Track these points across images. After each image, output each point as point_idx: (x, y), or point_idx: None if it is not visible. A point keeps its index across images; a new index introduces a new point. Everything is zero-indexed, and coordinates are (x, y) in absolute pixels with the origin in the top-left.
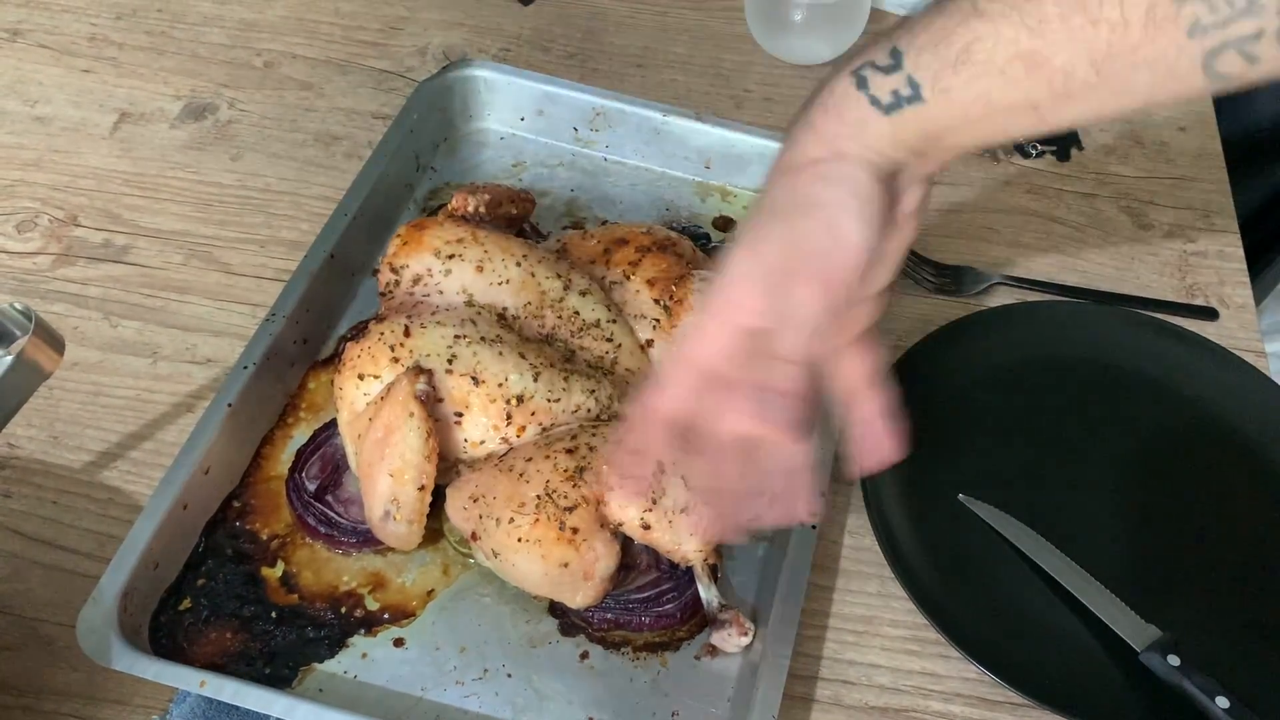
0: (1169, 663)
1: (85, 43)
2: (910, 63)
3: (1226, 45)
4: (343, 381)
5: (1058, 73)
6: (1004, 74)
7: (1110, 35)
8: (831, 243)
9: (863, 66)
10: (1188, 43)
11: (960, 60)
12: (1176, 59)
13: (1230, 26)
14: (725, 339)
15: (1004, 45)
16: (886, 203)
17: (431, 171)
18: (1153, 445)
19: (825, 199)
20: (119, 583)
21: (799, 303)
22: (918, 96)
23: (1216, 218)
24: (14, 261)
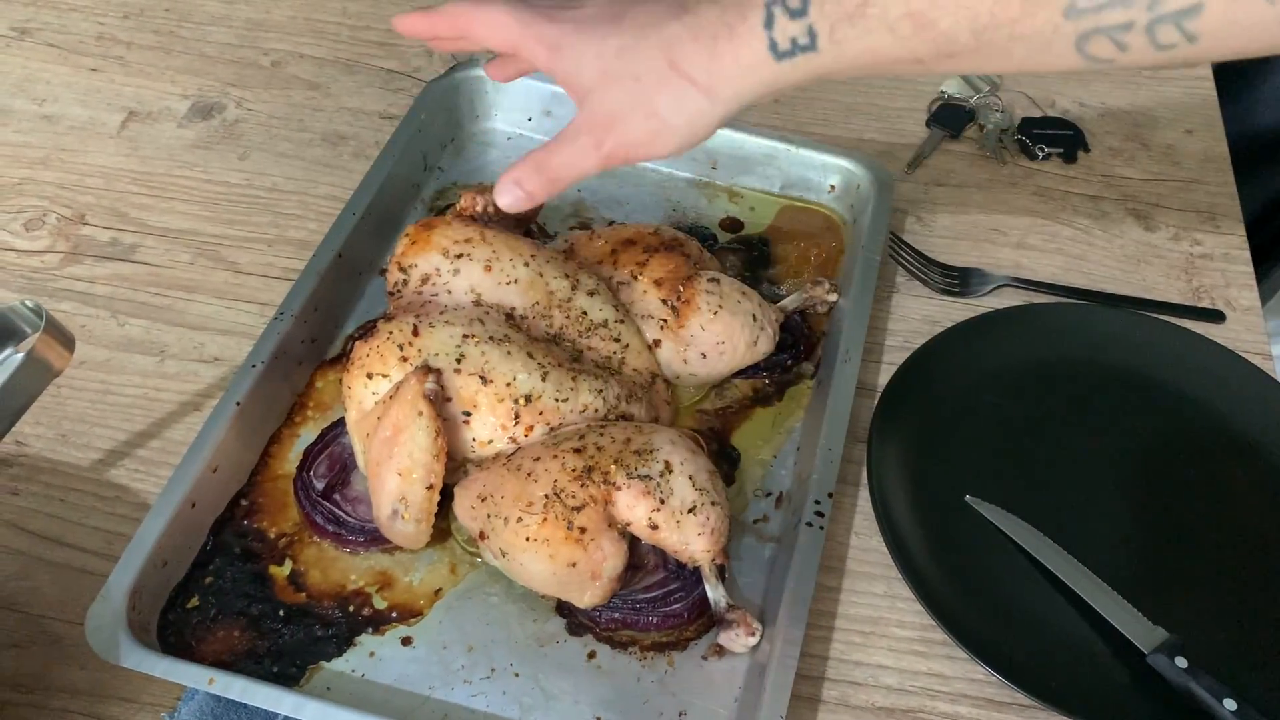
0: (1176, 665)
1: (93, 42)
2: (815, 10)
3: (1099, 30)
4: (351, 380)
5: (942, 35)
6: (893, 31)
7: (993, 6)
8: (647, 144)
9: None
10: (1063, 22)
11: (856, 14)
12: (1052, 36)
13: (1103, 13)
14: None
15: (897, 3)
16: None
17: (439, 171)
18: (1159, 447)
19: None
20: (128, 580)
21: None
22: (813, 46)
23: (1222, 220)
24: (22, 260)
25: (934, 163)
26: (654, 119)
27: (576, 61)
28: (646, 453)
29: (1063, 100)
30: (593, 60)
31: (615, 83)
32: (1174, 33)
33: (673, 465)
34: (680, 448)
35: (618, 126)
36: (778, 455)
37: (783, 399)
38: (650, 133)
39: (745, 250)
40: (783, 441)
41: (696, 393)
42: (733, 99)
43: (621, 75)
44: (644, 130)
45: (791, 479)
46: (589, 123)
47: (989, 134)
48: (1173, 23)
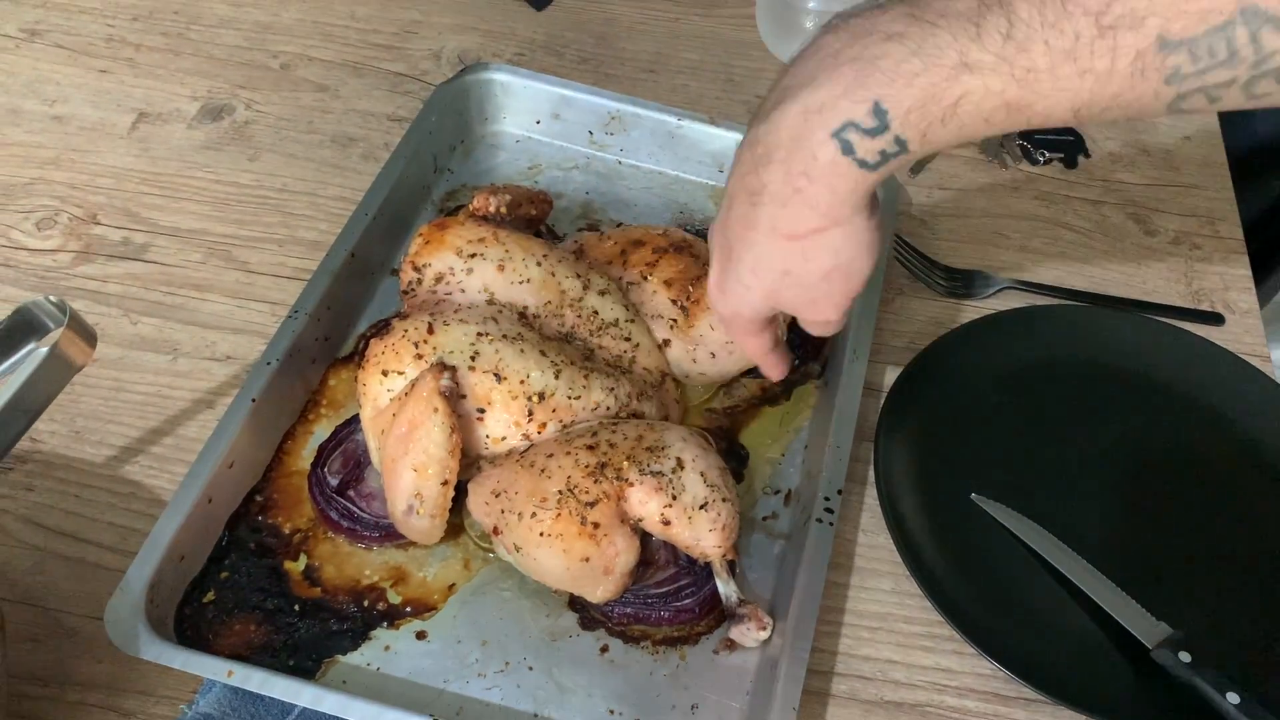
0: (1180, 659)
1: (102, 43)
2: (898, 124)
3: (1198, 91)
4: (366, 377)
5: (1038, 115)
6: (988, 121)
7: (1094, 85)
8: (849, 289)
9: (845, 129)
10: (1163, 89)
11: (948, 116)
12: (1150, 103)
13: (1206, 75)
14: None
15: (991, 97)
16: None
17: (449, 173)
18: (1160, 446)
19: (839, 264)
20: (146, 574)
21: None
22: (904, 151)
23: (1221, 225)
24: (35, 259)
25: (937, 167)
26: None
27: (755, 301)
28: (658, 449)
29: None
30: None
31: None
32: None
33: (684, 462)
34: (692, 445)
35: (820, 305)
36: (786, 453)
37: (790, 398)
38: (842, 282)
39: None
40: (790, 440)
41: (705, 391)
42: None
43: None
44: (836, 288)
45: (800, 477)
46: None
47: (991, 139)
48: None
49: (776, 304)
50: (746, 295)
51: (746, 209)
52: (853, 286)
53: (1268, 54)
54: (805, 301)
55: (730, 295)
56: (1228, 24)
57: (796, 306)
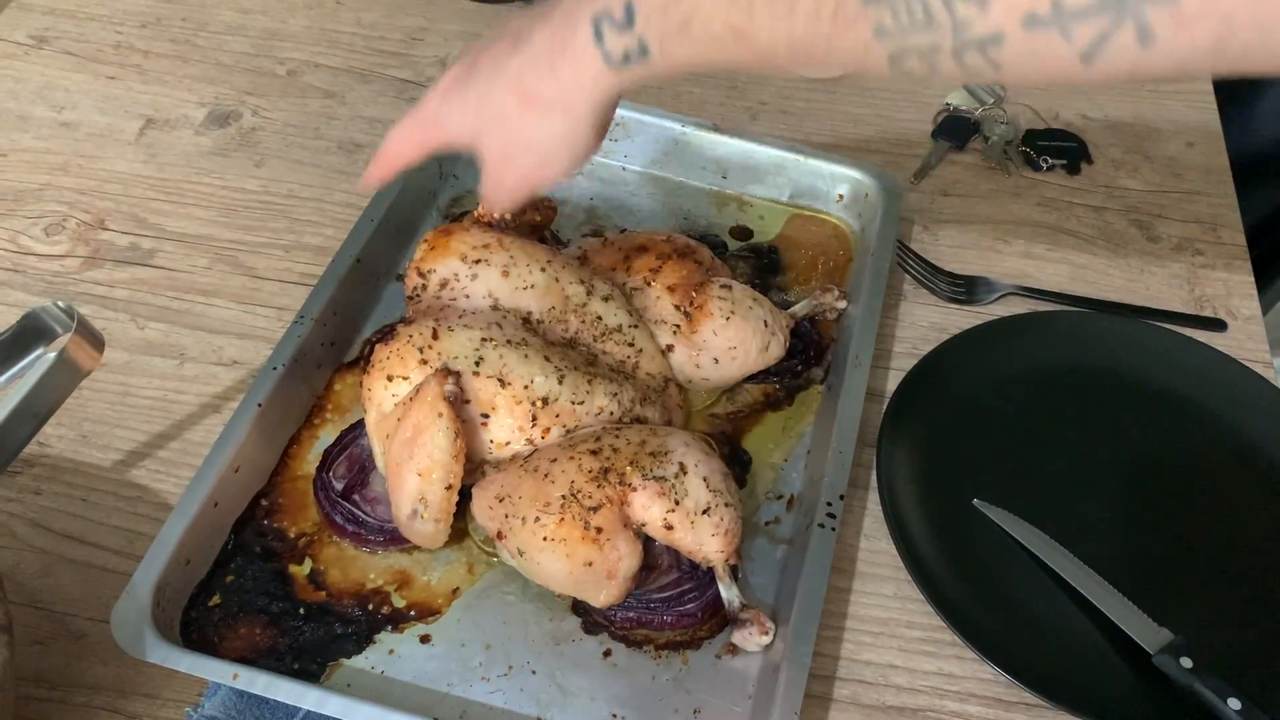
0: (1182, 665)
1: (111, 50)
2: (641, 23)
3: (909, 51)
4: (371, 382)
5: (762, 47)
6: (718, 42)
7: (806, 23)
8: (537, 173)
9: (601, 17)
10: (874, 42)
11: (683, 28)
12: (865, 55)
13: (910, 36)
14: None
15: (718, 19)
16: (595, 133)
17: (454, 179)
18: (1162, 451)
19: (545, 144)
20: (152, 577)
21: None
22: (645, 55)
23: (1224, 231)
24: (43, 264)
25: (940, 173)
26: (531, 149)
27: (456, 122)
28: (661, 454)
29: (1066, 112)
30: (462, 116)
31: (487, 130)
32: (979, 58)
33: (687, 467)
34: (694, 450)
35: (507, 165)
36: (788, 459)
37: (793, 404)
38: (536, 161)
39: (755, 258)
40: (793, 445)
41: (708, 397)
42: (590, 107)
43: (489, 121)
44: (529, 161)
45: (802, 482)
46: (488, 168)
47: (993, 145)
48: (977, 50)
49: (476, 138)
50: (461, 114)
51: (505, 51)
52: (539, 174)
53: (962, 22)
54: (500, 155)
55: (448, 104)
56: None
57: (489, 154)
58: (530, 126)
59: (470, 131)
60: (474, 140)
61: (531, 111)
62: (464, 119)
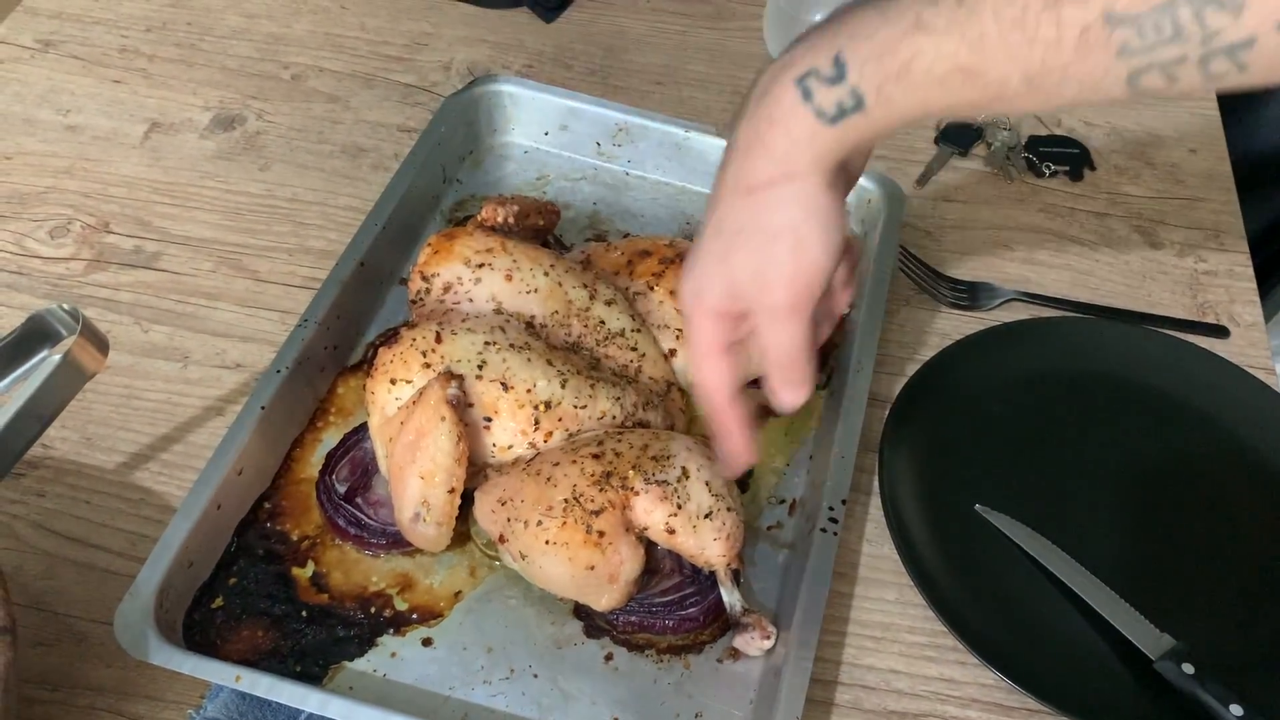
0: (1183, 671)
1: (116, 54)
2: (854, 75)
3: (1151, 67)
4: (375, 386)
5: (993, 83)
6: (943, 85)
7: (1044, 53)
8: (798, 264)
9: (807, 76)
10: (1115, 63)
11: (902, 73)
12: (1104, 77)
13: (1156, 51)
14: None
15: (944, 60)
16: (840, 203)
17: (457, 184)
18: (1165, 458)
19: (788, 224)
20: (155, 579)
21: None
22: (861, 107)
23: (1226, 237)
24: (47, 266)
25: (943, 179)
26: (777, 239)
27: (708, 274)
28: (664, 458)
29: (1069, 119)
30: (711, 262)
31: (734, 255)
32: (1226, 63)
33: (689, 471)
34: (697, 454)
35: (766, 279)
36: (791, 463)
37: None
38: (789, 251)
39: None
40: (796, 450)
41: None
42: (815, 166)
43: (733, 245)
44: (782, 255)
45: (804, 487)
46: (756, 300)
47: (996, 151)
48: (1225, 55)
49: (731, 273)
50: (708, 262)
51: (719, 172)
52: (801, 262)
53: (1213, 31)
54: (754, 271)
55: (695, 266)
56: (1170, 3)
57: (747, 278)
58: (766, 215)
59: (723, 275)
60: (732, 280)
61: (759, 198)
62: (713, 265)
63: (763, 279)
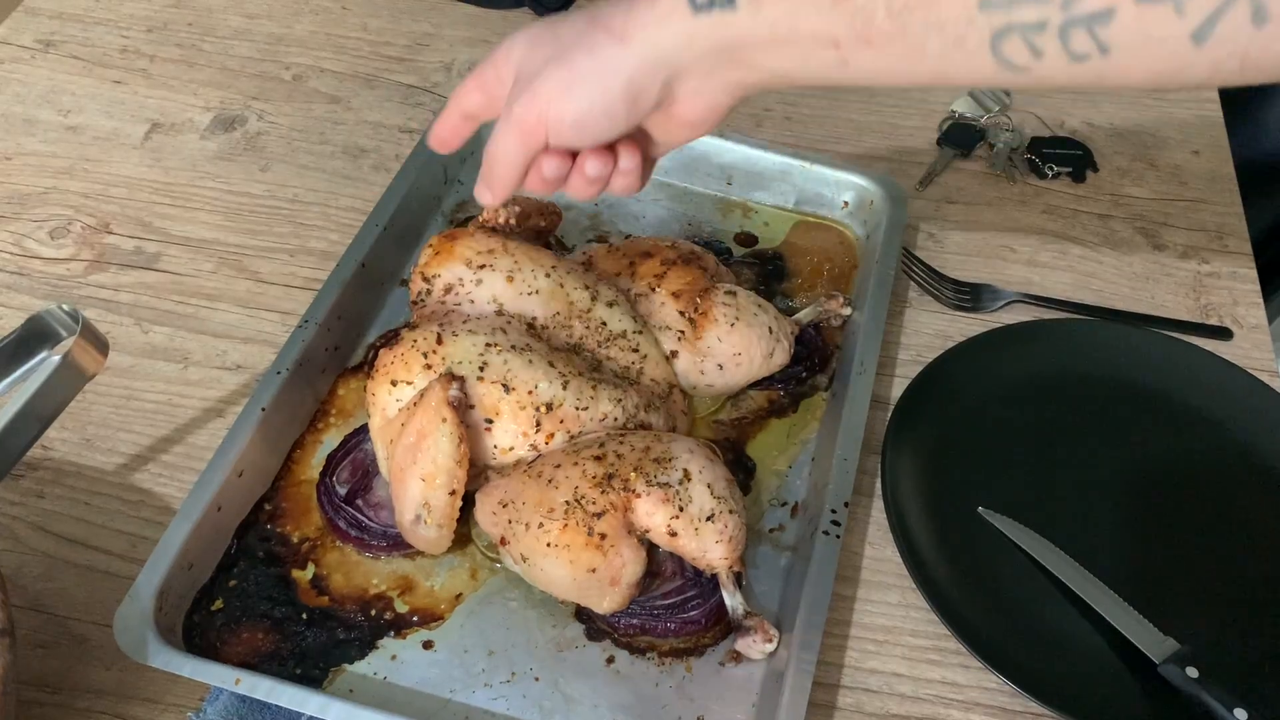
0: (1187, 674)
1: (117, 54)
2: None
3: (1012, 28)
4: (375, 387)
5: (859, 10)
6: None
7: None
8: (554, 101)
9: None
10: (978, 14)
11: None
12: (967, 29)
13: (1016, 9)
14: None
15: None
16: (635, 104)
17: (459, 184)
18: (1168, 460)
19: (578, 69)
20: (155, 581)
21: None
22: (731, 3)
23: (1229, 239)
24: (48, 267)
25: (945, 180)
26: (565, 70)
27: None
28: (665, 461)
29: (1072, 120)
30: (527, 43)
31: (539, 48)
32: (1087, 40)
33: (691, 473)
34: (698, 456)
35: (534, 85)
36: (793, 466)
37: (797, 410)
38: (562, 85)
39: (760, 264)
40: (798, 452)
41: (713, 403)
42: (647, 46)
43: (546, 41)
44: (556, 83)
45: (807, 489)
46: (514, 92)
47: (999, 153)
48: (1085, 27)
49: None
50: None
51: None
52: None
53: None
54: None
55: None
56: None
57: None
58: (580, 50)
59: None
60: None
61: (589, 35)
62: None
63: (526, 87)
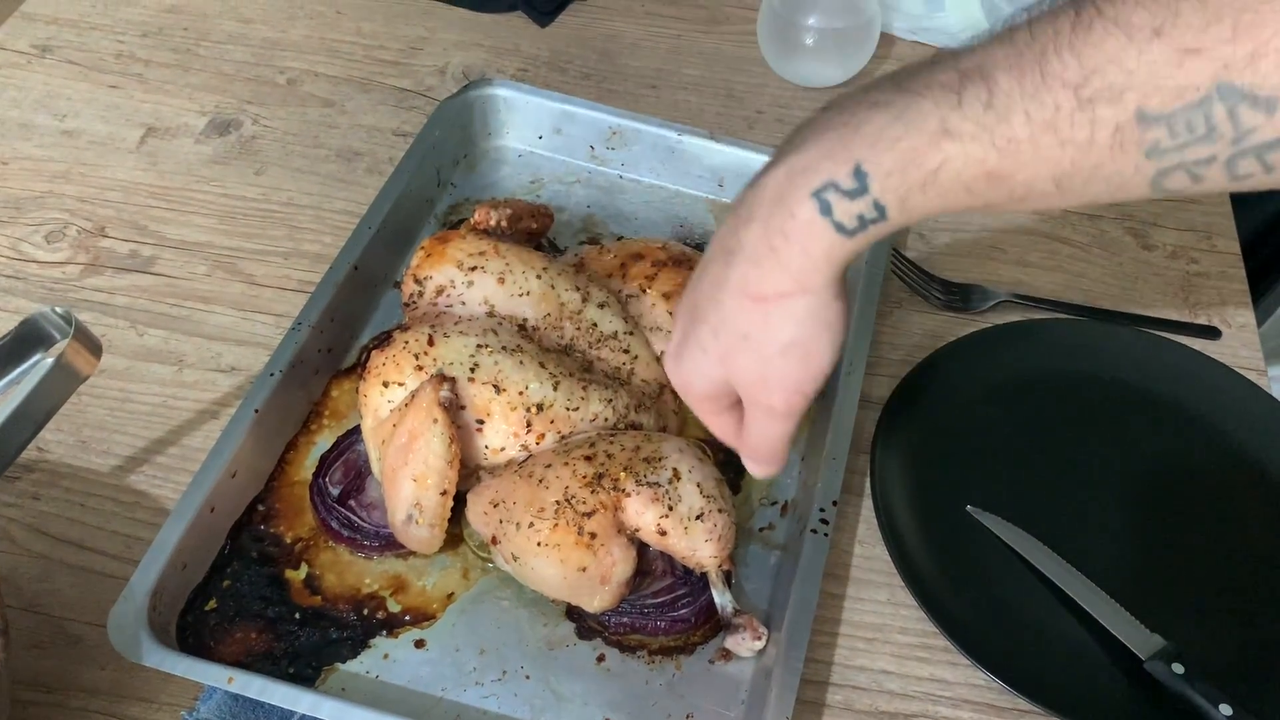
0: (1173, 671)
1: (113, 59)
2: (877, 187)
3: (1179, 167)
4: (368, 388)
5: (1020, 185)
6: (969, 189)
7: (1075, 154)
8: (805, 373)
9: (825, 189)
10: (1144, 162)
11: (928, 183)
12: (1131, 176)
13: (1186, 151)
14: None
15: (971, 165)
16: (845, 304)
17: (451, 187)
18: (1156, 459)
19: (799, 338)
20: (149, 581)
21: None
22: (883, 217)
23: (1218, 240)
24: (43, 270)
25: None
26: (789, 351)
27: (702, 374)
28: (655, 460)
29: None
30: (706, 362)
31: (734, 358)
32: (1254, 164)
33: (681, 473)
34: (688, 456)
35: (770, 383)
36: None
37: None
38: (799, 361)
39: None
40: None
41: None
42: (830, 280)
43: (732, 347)
44: (792, 366)
45: (796, 488)
46: (753, 399)
47: None
48: (1254, 155)
49: (731, 373)
50: (702, 359)
51: (720, 269)
52: (809, 372)
53: (1246, 130)
54: (757, 376)
55: (685, 360)
56: (1205, 100)
57: (748, 381)
58: (776, 327)
59: (720, 373)
60: (732, 379)
61: (769, 310)
62: (709, 364)
63: (766, 384)
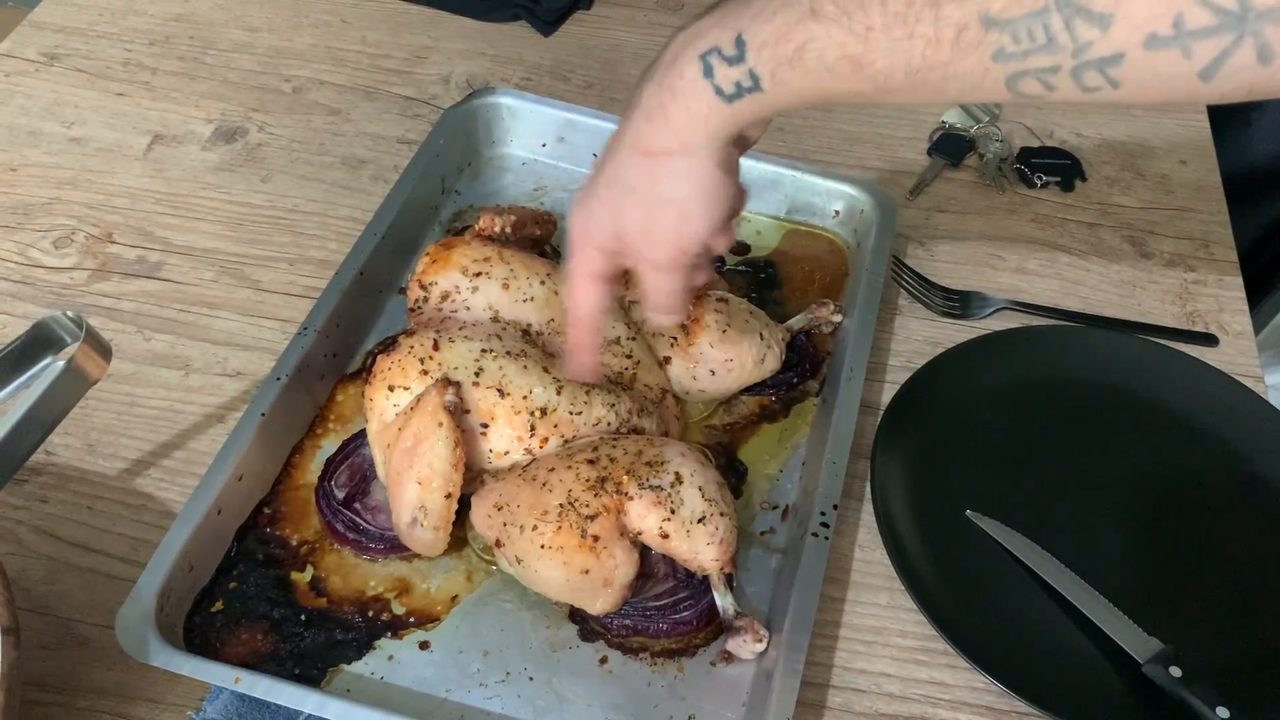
0: (1171, 674)
1: (120, 67)
2: (753, 56)
3: (1027, 73)
4: (373, 393)
5: (879, 74)
6: (832, 71)
7: (925, 49)
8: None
9: (710, 53)
10: (993, 65)
11: (795, 58)
12: (982, 78)
13: (1029, 58)
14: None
15: (833, 47)
16: (728, 176)
17: (456, 194)
18: (1154, 464)
19: (676, 196)
20: (156, 583)
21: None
22: (757, 87)
23: (1216, 248)
24: (51, 276)
25: (935, 190)
26: (667, 206)
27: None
28: (658, 464)
29: (1061, 131)
30: (601, 209)
31: (624, 209)
32: (1098, 77)
33: (683, 477)
34: (690, 460)
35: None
36: (784, 469)
37: (789, 415)
38: (676, 217)
39: (752, 272)
40: (789, 456)
41: (705, 408)
42: (709, 142)
43: (622, 198)
44: (669, 221)
45: (797, 492)
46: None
47: (988, 162)
48: (1096, 69)
49: (619, 226)
50: (598, 207)
51: (622, 124)
52: (685, 231)
53: (1084, 43)
54: (642, 229)
55: (584, 206)
56: (1044, 9)
57: (634, 232)
58: (658, 181)
59: (611, 223)
60: (620, 229)
61: (654, 165)
62: (603, 212)
63: (648, 237)
